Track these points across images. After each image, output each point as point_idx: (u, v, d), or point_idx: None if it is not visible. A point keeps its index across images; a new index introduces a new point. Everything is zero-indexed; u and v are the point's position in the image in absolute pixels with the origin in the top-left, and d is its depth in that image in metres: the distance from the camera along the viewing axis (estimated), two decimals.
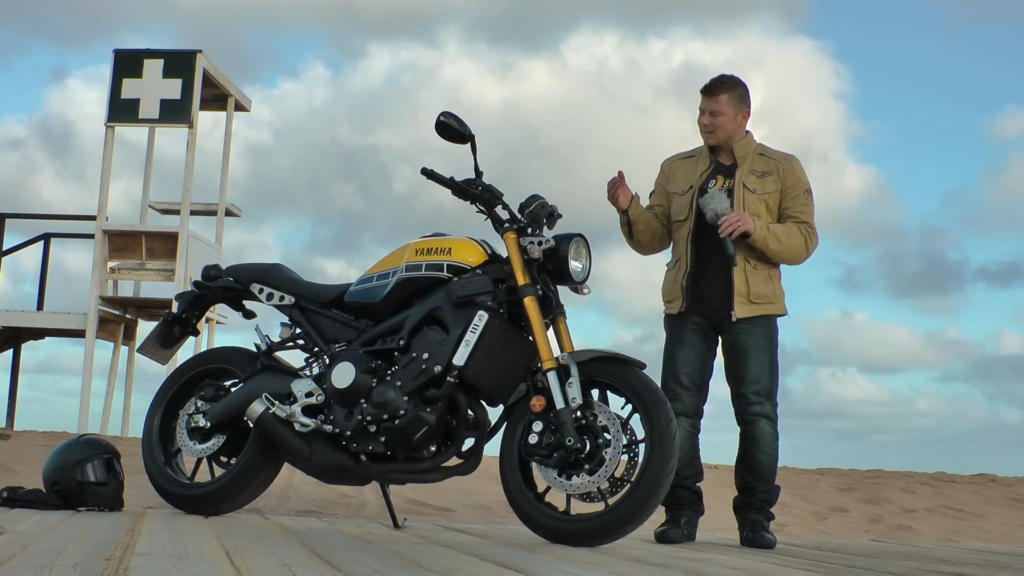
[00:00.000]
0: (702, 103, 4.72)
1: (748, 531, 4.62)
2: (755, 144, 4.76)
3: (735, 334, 4.64)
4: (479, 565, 3.02)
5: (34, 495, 4.56)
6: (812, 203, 4.71)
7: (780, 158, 4.73)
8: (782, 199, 4.68)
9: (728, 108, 4.67)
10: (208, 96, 12.29)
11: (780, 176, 4.68)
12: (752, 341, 4.63)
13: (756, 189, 4.64)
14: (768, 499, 4.69)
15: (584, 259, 4.19)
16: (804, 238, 4.64)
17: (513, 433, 4.08)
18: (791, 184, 4.68)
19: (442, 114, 4.17)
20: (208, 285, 4.76)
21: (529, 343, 4.10)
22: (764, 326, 4.65)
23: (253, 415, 4.30)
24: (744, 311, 4.60)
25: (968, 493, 9.12)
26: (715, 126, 4.68)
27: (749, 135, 4.77)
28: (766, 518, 4.67)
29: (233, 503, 4.58)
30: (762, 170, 4.69)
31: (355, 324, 4.43)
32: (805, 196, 4.70)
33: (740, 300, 4.60)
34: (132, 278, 12.18)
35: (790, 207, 4.67)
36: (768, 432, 4.65)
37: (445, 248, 4.22)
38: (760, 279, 4.64)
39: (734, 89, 4.70)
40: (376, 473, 4.24)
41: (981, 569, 3.87)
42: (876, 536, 6.87)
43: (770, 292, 4.66)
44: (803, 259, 4.69)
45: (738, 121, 4.70)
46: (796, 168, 4.72)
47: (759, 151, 4.74)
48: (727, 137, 4.70)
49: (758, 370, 4.63)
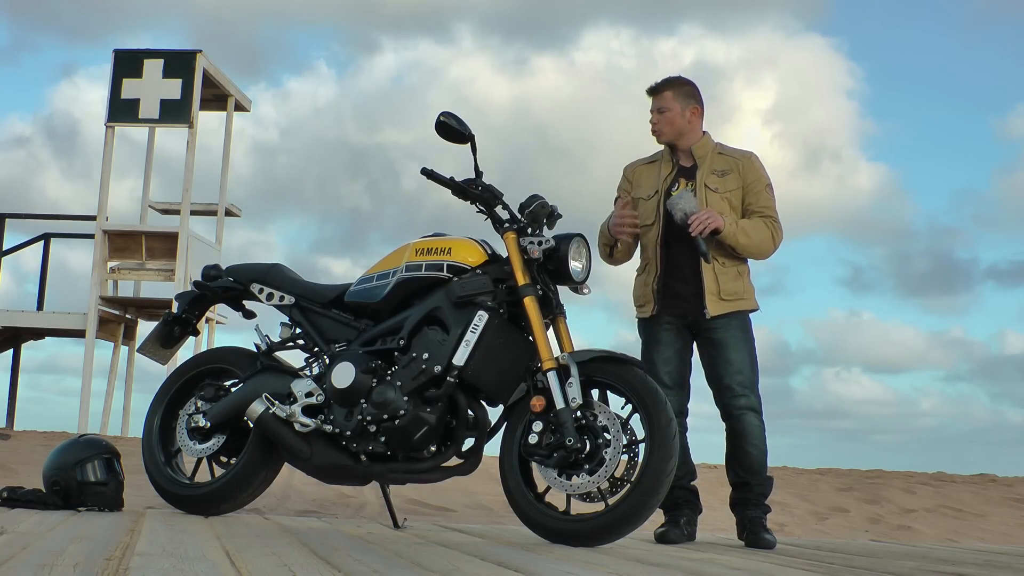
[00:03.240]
0: (650, 104, 4.78)
1: (748, 532, 4.62)
2: (713, 144, 4.79)
3: (711, 331, 4.66)
4: (479, 565, 3.02)
5: (34, 495, 4.56)
6: (774, 197, 4.75)
7: (739, 155, 4.76)
8: (744, 195, 4.71)
9: (674, 103, 4.70)
10: (208, 96, 12.30)
11: (740, 173, 4.71)
12: (730, 335, 4.65)
13: (718, 188, 4.67)
14: (763, 492, 4.69)
15: (584, 259, 4.19)
16: (771, 232, 4.68)
17: (513, 433, 4.08)
18: (752, 180, 4.71)
19: (442, 114, 4.17)
20: (208, 285, 4.76)
21: (529, 343, 4.10)
22: (738, 320, 4.68)
23: (253, 415, 4.30)
24: (716, 308, 4.62)
25: (968, 493, 9.13)
26: (663, 123, 4.72)
27: (706, 136, 4.79)
28: (764, 513, 4.68)
29: (233, 503, 4.58)
30: (722, 168, 4.71)
31: (355, 324, 4.43)
32: (767, 191, 4.73)
33: (712, 298, 4.62)
34: (132, 278, 12.19)
35: (753, 202, 4.70)
36: (756, 425, 4.65)
37: (445, 248, 4.22)
38: (730, 276, 4.67)
39: (680, 86, 4.75)
40: (376, 473, 4.24)
41: (981, 569, 3.87)
42: (876, 536, 6.87)
43: (740, 288, 4.69)
44: (771, 252, 4.74)
45: (687, 117, 4.72)
46: (755, 164, 4.75)
47: (718, 150, 4.77)
48: (677, 134, 4.73)
49: (740, 360, 4.64)
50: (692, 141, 4.75)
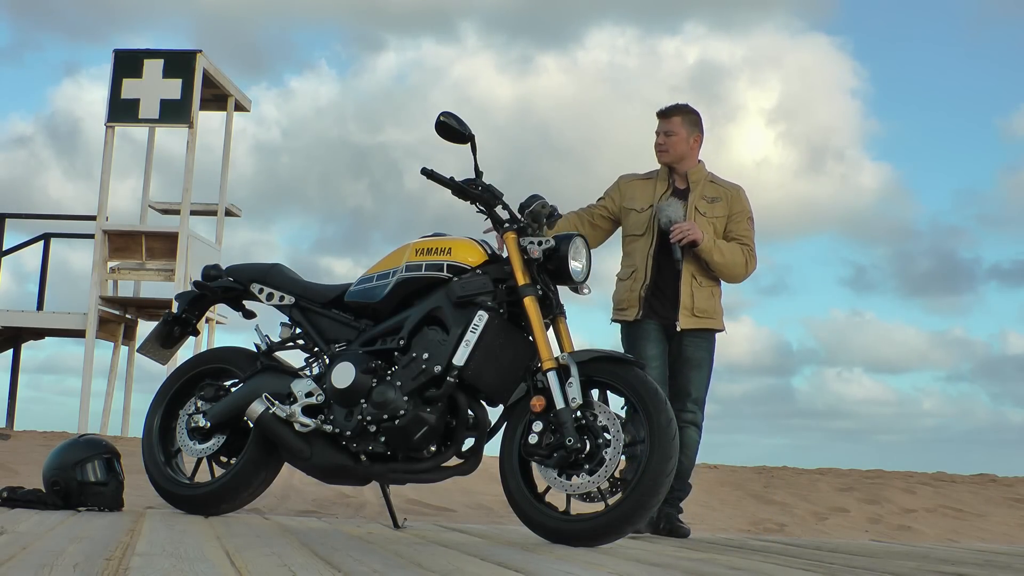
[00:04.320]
0: (658, 126, 5.16)
1: (664, 522, 5.03)
2: (707, 172, 5.20)
3: (683, 345, 5.05)
4: (479, 565, 3.02)
5: (34, 495, 4.56)
6: (753, 230, 5.17)
7: (729, 187, 5.19)
8: (728, 223, 5.12)
9: (681, 129, 5.11)
10: (208, 96, 12.30)
11: (728, 203, 5.13)
12: (698, 355, 5.06)
13: (706, 212, 5.07)
14: (682, 496, 5.14)
15: (584, 259, 4.19)
16: (745, 258, 5.09)
17: (513, 433, 4.08)
18: (737, 211, 5.14)
19: (442, 114, 4.17)
20: (208, 285, 4.76)
21: (529, 343, 4.10)
22: (707, 340, 5.10)
23: (253, 415, 4.30)
24: (687, 323, 5.01)
25: (968, 493, 9.13)
26: (668, 145, 5.11)
27: (701, 164, 5.20)
28: (678, 511, 5.13)
29: (233, 503, 4.58)
30: (712, 196, 5.13)
31: (355, 324, 4.43)
32: (748, 222, 5.16)
33: (684, 313, 5.01)
34: (132, 278, 12.19)
35: (734, 230, 5.12)
36: (694, 440, 5.09)
37: (445, 248, 4.22)
38: (704, 295, 5.05)
39: (688, 114, 5.16)
40: (376, 473, 4.24)
41: (981, 569, 3.87)
42: (876, 536, 6.87)
43: (711, 308, 5.08)
44: (742, 277, 5.14)
45: (690, 143, 5.14)
46: (742, 197, 5.18)
47: (710, 179, 5.19)
48: (679, 157, 5.12)
49: (699, 379, 5.06)
50: (689, 166, 5.15)
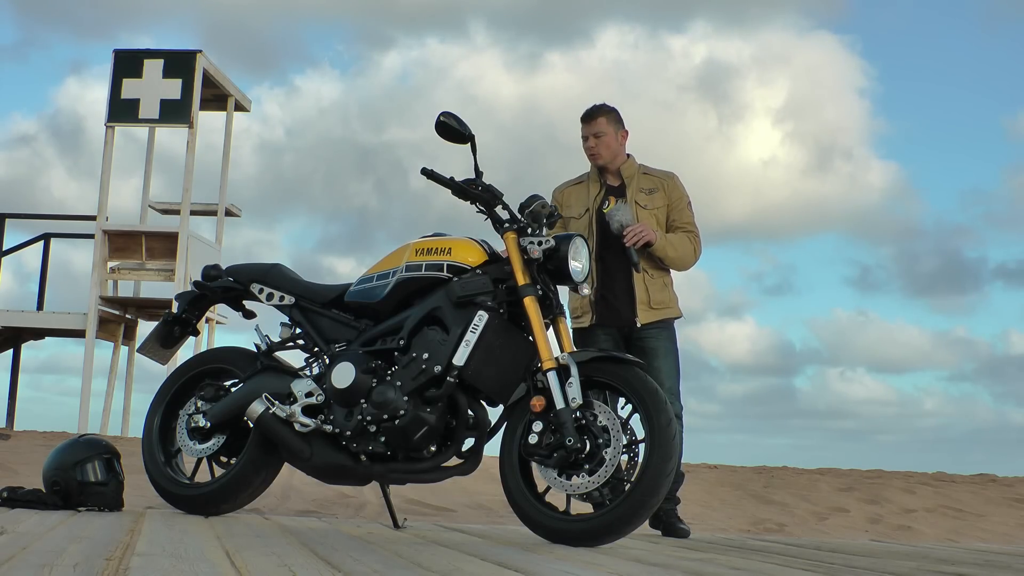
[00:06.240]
0: (584, 130, 5.19)
1: (664, 523, 5.05)
2: (637, 165, 5.24)
3: (643, 339, 5.06)
4: (479, 565, 3.02)
5: (34, 495, 4.56)
6: (693, 213, 5.24)
7: (663, 175, 5.23)
8: (669, 212, 5.19)
9: (608, 128, 5.15)
10: (208, 96, 12.31)
11: (666, 192, 5.19)
12: (660, 344, 5.07)
13: (647, 205, 5.13)
14: (675, 487, 5.08)
15: (584, 259, 4.20)
16: (693, 246, 5.16)
17: (513, 433, 4.08)
18: (676, 198, 5.20)
19: (442, 114, 4.17)
20: (208, 285, 4.76)
21: (529, 343, 4.10)
22: (667, 330, 5.13)
23: (253, 415, 4.30)
24: (646, 317, 5.05)
25: (968, 493, 9.13)
26: (600, 146, 5.15)
27: (631, 158, 5.24)
28: (675, 505, 5.11)
29: (233, 503, 4.58)
30: (649, 187, 5.19)
31: (355, 324, 4.43)
32: (688, 208, 5.22)
33: (642, 307, 5.06)
34: (132, 278, 12.19)
35: (677, 219, 5.19)
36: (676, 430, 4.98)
37: (445, 248, 4.22)
38: (657, 287, 5.11)
39: (610, 112, 5.20)
40: (376, 473, 4.24)
41: (981, 569, 3.87)
42: (876, 536, 6.87)
43: (667, 298, 5.14)
44: (692, 264, 5.21)
45: (619, 140, 5.18)
46: (678, 184, 5.24)
47: (643, 171, 5.23)
48: (612, 156, 5.17)
49: (668, 370, 5.04)
50: (620, 162, 5.21)
